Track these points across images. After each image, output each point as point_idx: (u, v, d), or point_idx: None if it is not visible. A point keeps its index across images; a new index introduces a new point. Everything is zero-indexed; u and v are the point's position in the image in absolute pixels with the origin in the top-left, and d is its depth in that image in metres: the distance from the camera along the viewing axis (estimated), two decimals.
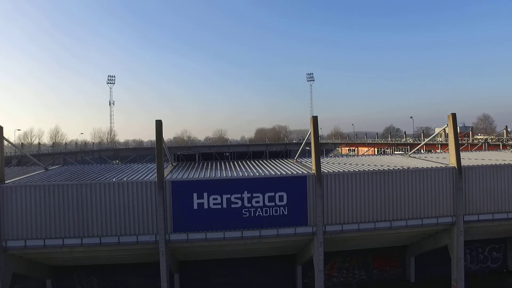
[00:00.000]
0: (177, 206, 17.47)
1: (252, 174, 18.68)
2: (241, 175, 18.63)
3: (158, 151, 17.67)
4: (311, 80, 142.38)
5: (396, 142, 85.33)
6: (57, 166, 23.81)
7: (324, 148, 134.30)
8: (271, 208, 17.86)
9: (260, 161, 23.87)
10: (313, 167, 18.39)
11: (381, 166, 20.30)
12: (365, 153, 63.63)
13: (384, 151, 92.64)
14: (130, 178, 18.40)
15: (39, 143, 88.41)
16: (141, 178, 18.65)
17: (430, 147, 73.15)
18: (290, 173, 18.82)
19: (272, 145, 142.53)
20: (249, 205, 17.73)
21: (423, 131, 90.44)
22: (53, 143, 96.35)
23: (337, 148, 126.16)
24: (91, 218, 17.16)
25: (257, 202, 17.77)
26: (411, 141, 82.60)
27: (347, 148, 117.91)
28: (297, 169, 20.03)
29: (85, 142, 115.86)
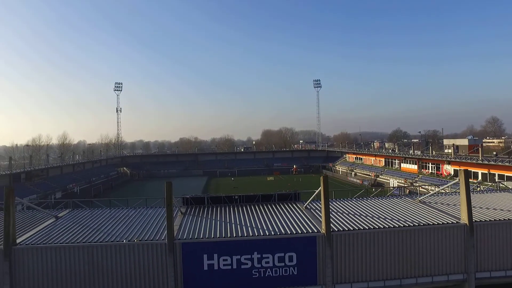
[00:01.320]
0: (187, 267, 17.52)
1: (261, 232, 18.63)
2: (250, 233, 18.57)
3: (168, 212, 17.71)
4: (318, 87, 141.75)
5: (404, 155, 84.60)
6: (67, 210, 23.87)
7: (331, 155, 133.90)
8: (280, 268, 17.86)
9: (269, 206, 23.77)
10: (323, 226, 18.34)
11: (391, 220, 20.14)
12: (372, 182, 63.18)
13: (391, 161, 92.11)
14: (140, 235, 18.49)
15: (47, 155, 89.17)
16: (152, 234, 18.71)
17: (439, 162, 72.54)
18: (299, 230, 18.74)
19: (279, 152, 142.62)
20: (259, 265, 17.74)
21: (430, 142, 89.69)
22: (61, 153, 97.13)
23: (344, 156, 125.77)
24: (102, 278, 17.26)
25: (267, 262, 17.77)
26: (420, 154, 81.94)
27: (354, 156, 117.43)
28: (306, 223, 19.94)
29: (92, 151, 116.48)
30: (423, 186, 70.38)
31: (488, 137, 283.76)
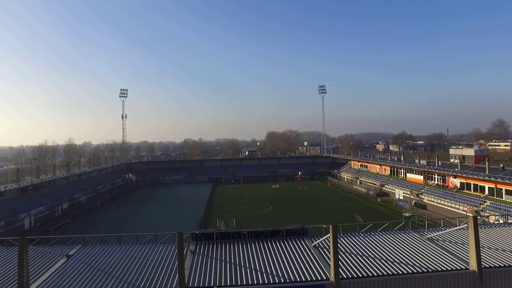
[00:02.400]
0: None
1: (271, 279, 18.76)
2: (260, 281, 18.69)
3: (179, 261, 17.88)
4: (323, 93, 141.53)
5: (409, 167, 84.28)
6: (78, 247, 24.03)
7: (337, 162, 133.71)
8: None
9: (277, 244, 23.85)
10: (332, 274, 18.46)
11: (399, 263, 20.19)
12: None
13: (397, 170, 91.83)
14: (152, 281, 18.70)
15: (54, 165, 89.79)
16: (164, 279, 18.87)
17: (445, 174, 72.22)
18: (308, 277, 18.84)
19: (284, 158, 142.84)
20: None
21: (437, 151, 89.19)
22: (68, 162, 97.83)
23: (349, 163, 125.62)
24: None
25: None
26: (425, 165, 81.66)
27: (359, 163, 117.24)
28: (316, 267, 20.03)
29: (98, 158, 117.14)
30: (429, 199, 70.23)
31: (494, 140, 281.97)
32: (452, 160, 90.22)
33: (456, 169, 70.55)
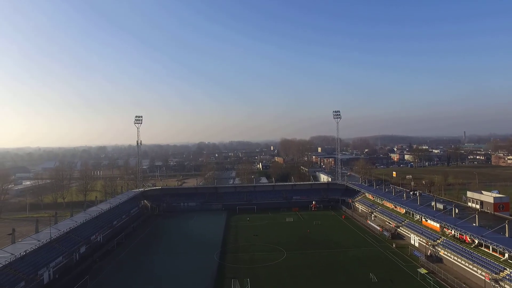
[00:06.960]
0: None
1: None
2: None
3: None
4: (337, 118, 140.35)
5: (425, 217, 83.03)
6: None
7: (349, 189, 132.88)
8: None
9: None
10: None
11: None
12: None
13: (411, 213, 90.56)
14: None
15: (71, 208, 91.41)
16: None
17: (462, 233, 71.07)
18: None
19: (298, 184, 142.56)
20: None
21: (454, 206, 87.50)
22: (85, 200, 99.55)
23: (363, 193, 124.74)
24: None
25: None
26: (442, 212, 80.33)
27: (372, 195, 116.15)
28: None
29: (114, 189, 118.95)
30: (445, 253, 69.17)
31: None
32: (469, 204, 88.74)
33: (474, 224, 69.50)
